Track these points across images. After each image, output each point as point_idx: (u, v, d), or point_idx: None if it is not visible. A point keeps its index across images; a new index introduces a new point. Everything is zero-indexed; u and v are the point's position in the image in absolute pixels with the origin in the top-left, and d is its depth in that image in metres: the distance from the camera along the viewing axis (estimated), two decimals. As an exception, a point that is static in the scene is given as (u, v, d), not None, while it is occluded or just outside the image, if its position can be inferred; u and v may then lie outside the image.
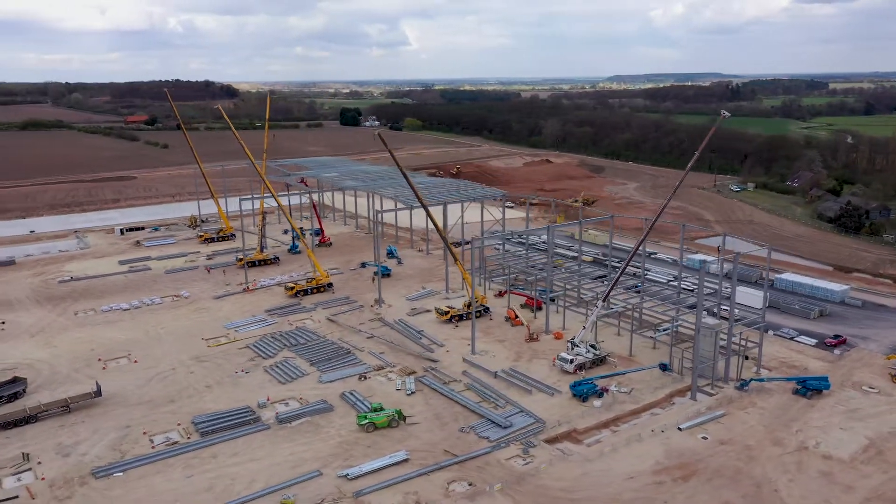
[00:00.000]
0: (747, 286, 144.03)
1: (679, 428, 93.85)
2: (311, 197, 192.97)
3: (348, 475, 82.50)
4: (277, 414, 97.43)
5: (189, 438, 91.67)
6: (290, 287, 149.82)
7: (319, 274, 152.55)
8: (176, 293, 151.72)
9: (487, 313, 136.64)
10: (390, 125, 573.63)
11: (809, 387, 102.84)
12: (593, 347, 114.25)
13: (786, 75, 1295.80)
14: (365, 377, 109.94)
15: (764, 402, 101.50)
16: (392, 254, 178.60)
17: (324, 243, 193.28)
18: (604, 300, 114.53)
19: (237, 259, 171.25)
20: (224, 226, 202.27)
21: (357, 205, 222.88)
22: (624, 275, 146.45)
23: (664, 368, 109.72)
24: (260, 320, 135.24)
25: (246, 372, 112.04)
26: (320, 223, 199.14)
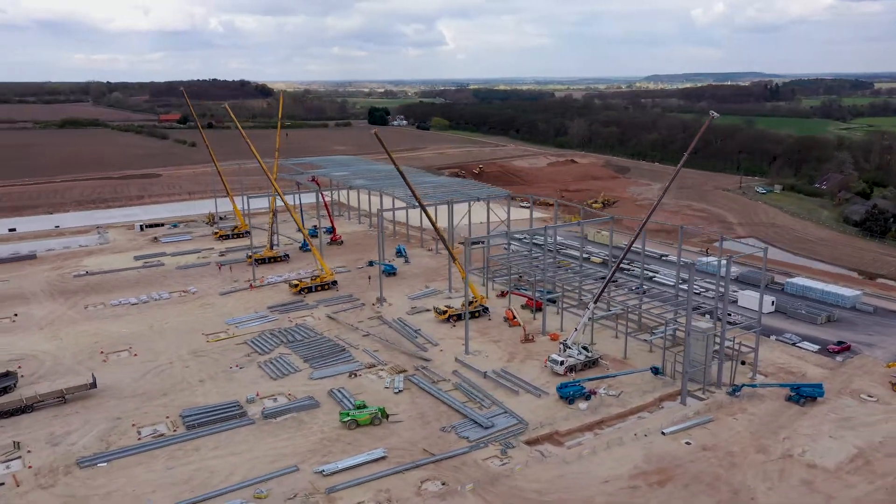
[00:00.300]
0: (754, 290, 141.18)
1: (663, 432, 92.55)
2: (322, 195, 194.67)
3: (324, 471, 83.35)
4: (263, 409, 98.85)
5: (175, 431, 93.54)
6: (295, 284, 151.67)
7: (324, 271, 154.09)
8: (184, 289, 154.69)
9: (486, 313, 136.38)
10: (418, 124, 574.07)
11: (803, 394, 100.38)
12: (586, 349, 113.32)
13: (830, 75, 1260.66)
14: (355, 374, 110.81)
15: (755, 409, 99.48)
16: (400, 252, 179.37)
17: (335, 241, 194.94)
18: (595, 301, 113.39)
19: (247, 256, 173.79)
20: (239, 223, 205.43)
21: (370, 203, 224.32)
22: (627, 277, 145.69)
23: (656, 372, 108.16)
24: (261, 317, 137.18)
25: (240, 367, 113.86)
26: (332, 222, 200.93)
